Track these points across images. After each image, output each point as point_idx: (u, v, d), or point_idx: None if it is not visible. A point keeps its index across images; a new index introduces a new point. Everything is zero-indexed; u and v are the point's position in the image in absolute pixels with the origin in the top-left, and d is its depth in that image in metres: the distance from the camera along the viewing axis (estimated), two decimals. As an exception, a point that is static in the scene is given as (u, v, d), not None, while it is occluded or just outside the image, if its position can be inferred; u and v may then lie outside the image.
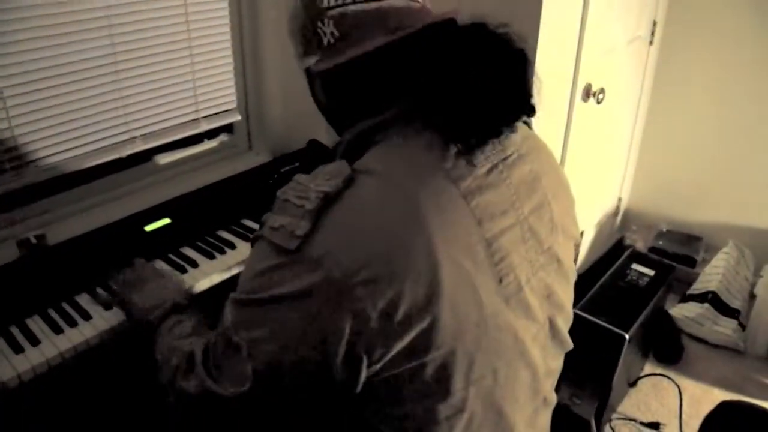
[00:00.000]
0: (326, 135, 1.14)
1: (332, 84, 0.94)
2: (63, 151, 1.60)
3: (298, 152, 2.00)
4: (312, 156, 1.98)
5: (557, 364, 1.05)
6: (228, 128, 2.02)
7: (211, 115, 1.92)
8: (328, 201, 0.80)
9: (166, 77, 1.75)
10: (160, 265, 1.49)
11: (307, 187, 0.83)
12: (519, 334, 0.90)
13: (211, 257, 1.52)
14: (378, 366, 0.80)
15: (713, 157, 2.61)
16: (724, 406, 1.51)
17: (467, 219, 0.85)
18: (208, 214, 1.67)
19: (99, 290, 1.38)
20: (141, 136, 1.75)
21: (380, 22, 0.88)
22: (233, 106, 1.98)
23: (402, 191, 0.82)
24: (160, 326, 1.10)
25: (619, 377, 1.96)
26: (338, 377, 0.81)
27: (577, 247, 1.08)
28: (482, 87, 0.83)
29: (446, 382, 0.83)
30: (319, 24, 0.90)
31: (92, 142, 1.64)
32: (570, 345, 1.06)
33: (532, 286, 0.93)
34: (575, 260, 1.08)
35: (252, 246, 0.89)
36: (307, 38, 0.93)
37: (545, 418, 1.04)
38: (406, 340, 0.79)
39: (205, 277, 1.46)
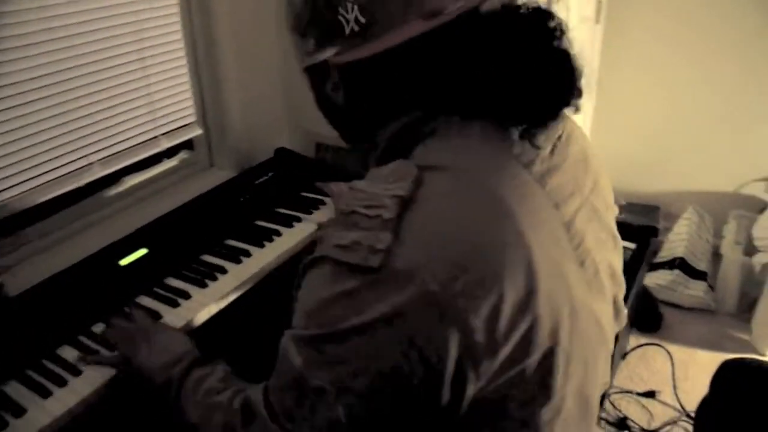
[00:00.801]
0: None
1: (357, 79, 0.80)
2: (12, 186, 1.38)
3: (265, 163, 1.84)
4: (285, 165, 1.83)
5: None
6: (187, 145, 1.83)
7: (170, 131, 1.72)
8: (405, 206, 0.67)
9: (121, 93, 1.55)
10: (146, 301, 1.30)
11: (374, 194, 0.69)
12: (601, 320, 0.82)
13: (203, 285, 1.34)
14: (483, 381, 0.68)
15: (663, 129, 2.61)
16: (727, 366, 1.49)
17: (546, 204, 0.75)
18: (187, 238, 1.49)
19: (86, 341, 1.19)
20: (99, 161, 1.54)
21: (412, 7, 0.75)
22: (193, 119, 1.79)
23: (479, 183, 0.71)
24: (182, 385, 0.93)
25: (615, 354, 1.92)
26: (443, 401, 0.69)
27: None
28: (542, 69, 0.73)
29: (547, 384, 0.73)
30: (341, 10, 0.76)
31: (45, 173, 1.43)
32: (624, 323, 0.99)
33: (603, 267, 0.84)
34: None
35: (306, 272, 0.74)
36: (323, 27, 0.78)
37: None
38: (510, 346, 0.68)
39: (202, 307, 1.28)
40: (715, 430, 1.49)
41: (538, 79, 0.72)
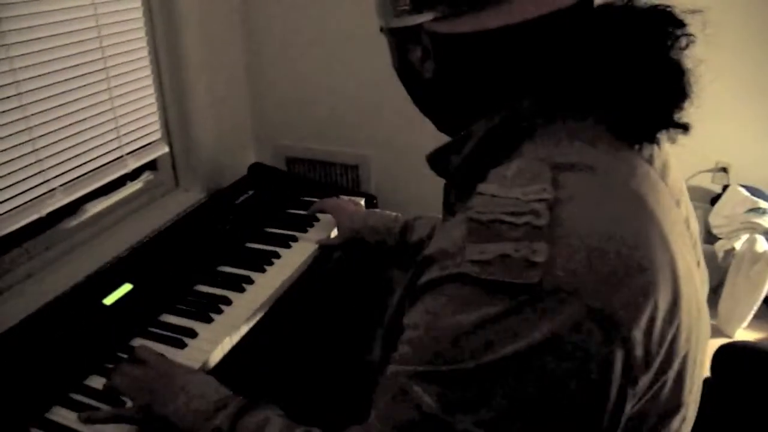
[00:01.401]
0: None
1: (454, 53, 0.67)
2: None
3: (241, 181, 1.67)
4: (263, 181, 1.66)
5: None
6: (151, 165, 1.63)
7: (136, 150, 1.52)
8: (553, 211, 0.56)
9: (83, 107, 1.34)
10: (140, 342, 1.11)
11: (512, 199, 0.58)
12: (708, 319, 0.74)
13: (207, 320, 1.15)
14: (635, 400, 0.59)
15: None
16: (724, 351, 1.49)
17: (671, 202, 0.67)
18: (173, 268, 1.29)
19: (82, 398, 0.99)
20: (61, 186, 1.31)
21: None
22: (158, 136, 1.59)
23: (620, 183, 0.62)
24: (232, 430, 0.77)
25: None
26: (602, 429, 0.58)
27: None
28: (656, 79, 0.64)
29: (679, 393, 0.65)
30: None
31: (2, 203, 1.21)
32: None
33: (703, 266, 0.77)
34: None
35: (423, 295, 0.61)
36: None
37: None
38: (660, 357, 0.59)
39: (214, 345, 1.09)
40: (719, 415, 1.47)
41: (652, 90, 0.64)
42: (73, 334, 1.11)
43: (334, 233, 1.43)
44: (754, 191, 1.90)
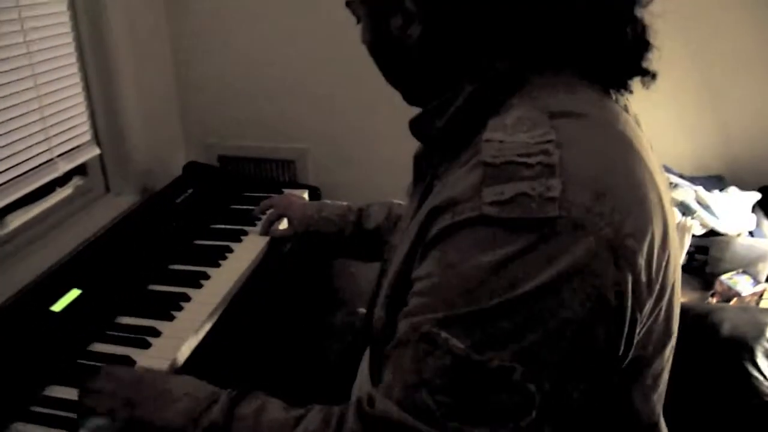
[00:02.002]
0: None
1: (441, 10, 0.69)
2: None
3: (179, 180, 1.61)
4: (201, 179, 1.62)
5: None
6: (80, 170, 1.54)
7: (67, 152, 1.43)
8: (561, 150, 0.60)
9: (8, 106, 1.25)
10: (105, 347, 1.04)
11: (521, 142, 0.60)
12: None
13: (169, 318, 1.10)
14: (641, 325, 0.64)
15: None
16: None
17: (647, 144, 0.73)
18: (121, 270, 1.23)
19: (43, 410, 0.92)
20: (-11, 192, 1.22)
21: None
22: (88, 138, 1.51)
23: (608, 127, 0.66)
24: (231, 428, 0.74)
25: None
26: (620, 353, 0.63)
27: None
28: (633, 37, 0.70)
29: (670, 322, 0.71)
30: None
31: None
32: None
33: None
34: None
35: (440, 241, 0.62)
36: None
37: None
38: (658, 284, 0.64)
39: (180, 342, 1.04)
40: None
41: (630, 45, 0.70)
42: (24, 344, 1.03)
43: (283, 225, 1.41)
44: (664, 169, 2.07)
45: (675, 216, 0.79)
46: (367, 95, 0.85)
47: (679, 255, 0.74)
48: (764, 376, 1.37)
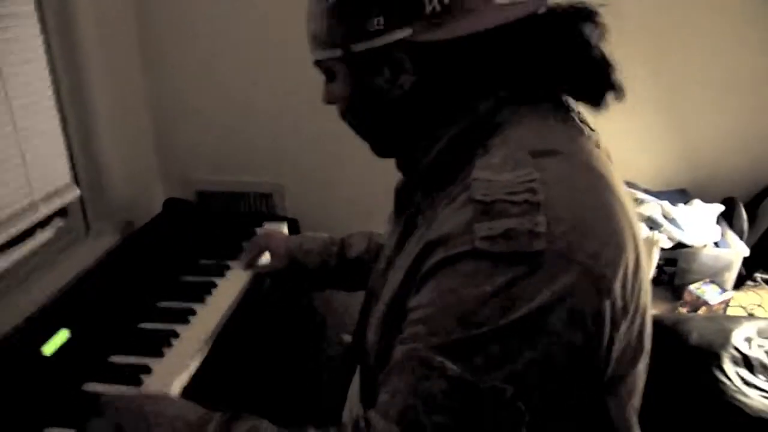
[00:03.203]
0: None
1: (433, 64, 0.77)
2: None
3: (159, 217, 1.68)
4: (181, 216, 1.68)
5: None
6: (61, 212, 1.60)
7: (48, 195, 1.49)
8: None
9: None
10: (99, 387, 1.09)
11: (508, 182, 0.68)
12: None
13: (159, 354, 1.17)
14: (618, 343, 0.72)
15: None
16: None
17: (618, 177, 0.81)
18: (109, 310, 1.29)
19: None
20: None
21: None
22: (68, 180, 1.57)
23: (586, 164, 0.75)
24: None
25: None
26: (598, 372, 0.71)
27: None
28: (594, 62, 0.80)
29: (643, 340, 0.79)
30: None
31: None
32: None
33: None
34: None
35: (434, 275, 0.70)
36: (399, 5, 0.74)
37: None
38: (632, 307, 0.72)
39: (172, 378, 1.11)
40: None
41: (597, 66, 0.79)
42: (19, 388, 1.08)
43: (265, 259, 1.47)
44: (629, 185, 2.18)
45: (642, 240, 0.88)
46: (339, 129, 0.93)
47: (648, 276, 0.82)
48: (731, 381, 1.47)
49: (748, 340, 1.61)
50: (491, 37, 0.74)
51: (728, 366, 1.52)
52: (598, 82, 0.79)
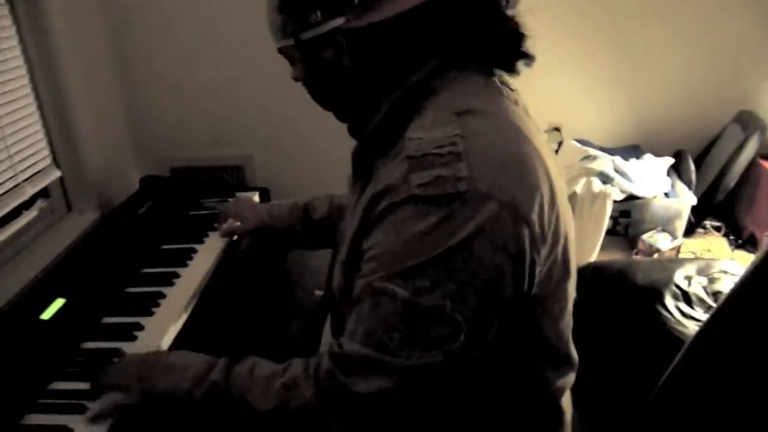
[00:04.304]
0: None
1: (366, 43, 0.92)
2: None
3: (137, 194, 1.82)
4: (158, 191, 1.82)
5: None
6: (43, 193, 1.73)
7: (31, 177, 1.62)
8: (465, 141, 0.83)
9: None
10: (92, 344, 1.24)
11: (435, 138, 0.84)
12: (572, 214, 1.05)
13: (149, 314, 1.32)
14: (541, 267, 0.88)
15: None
16: (584, 269, 1.91)
17: (535, 128, 0.97)
18: (98, 279, 1.44)
19: (50, 401, 1.12)
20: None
21: None
22: (48, 162, 1.70)
23: (503, 119, 0.90)
24: (230, 386, 0.93)
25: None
26: (524, 290, 0.86)
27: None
28: (510, 31, 0.95)
29: (567, 263, 0.94)
30: None
31: None
32: None
33: None
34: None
35: (383, 219, 0.85)
36: (329, 0, 0.90)
37: None
38: (550, 234, 0.88)
39: (162, 333, 1.26)
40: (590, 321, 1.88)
41: (510, 37, 0.95)
42: (23, 349, 1.22)
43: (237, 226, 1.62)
44: (584, 142, 2.35)
45: (562, 180, 1.04)
46: (302, 101, 1.08)
47: (568, 211, 0.97)
48: (671, 314, 1.67)
49: (688, 278, 1.80)
50: (415, 15, 0.89)
51: (669, 301, 1.72)
52: (511, 52, 0.95)
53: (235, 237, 1.62)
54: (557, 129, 2.47)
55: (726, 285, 1.71)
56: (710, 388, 1.10)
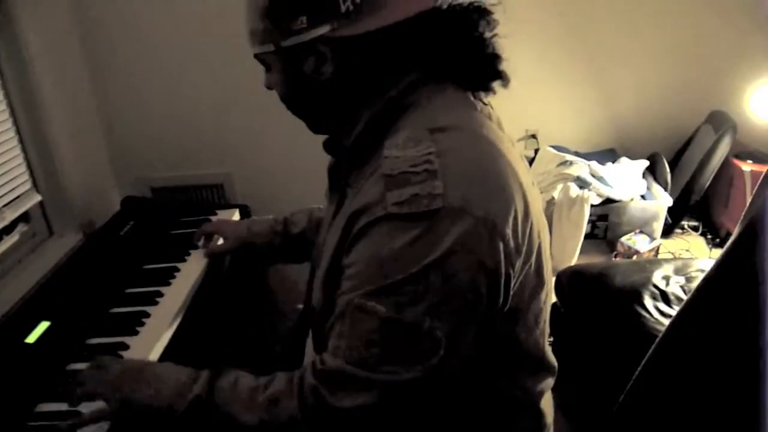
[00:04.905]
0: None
1: (349, 53, 0.94)
2: None
3: (118, 215, 1.84)
4: (140, 211, 1.85)
5: None
6: (23, 217, 1.75)
7: (10, 202, 1.65)
8: (440, 159, 0.86)
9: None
10: (78, 366, 1.26)
11: (410, 156, 0.86)
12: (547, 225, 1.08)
13: (134, 333, 1.34)
14: (516, 279, 0.91)
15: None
16: (563, 274, 1.96)
17: (509, 142, 1.00)
18: (83, 300, 1.46)
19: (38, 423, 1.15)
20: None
21: None
22: (28, 186, 1.72)
23: (477, 135, 0.93)
24: (213, 399, 0.95)
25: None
26: (499, 303, 0.89)
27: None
28: (487, 53, 0.98)
29: (541, 274, 0.97)
30: None
31: None
32: None
33: None
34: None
35: (361, 238, 0.88)
36: (318, 6, 0.91)
37: None
38: (525, 246, 0.91)
39: (147, 353, 1.29)
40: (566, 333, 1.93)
41: (486, 58, 0.98)
42: (9, 372, 1.24)
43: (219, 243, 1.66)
44: (560, 148, 2.41)
45: (536, 191, 1.08)
46: (280, 117, 1.11)
47: (542, 222, 1.00)
48: (650, 314, 1.72)
49: (666, 278, 1.86)
50: (399, 29, 0.92)
51: (648, 302, 1.77)
52: (486, 72, 0.99)
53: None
54: (533, 136, 2.53)
55: (703, 283, 1.76)
56: (681, 381, 1.14)
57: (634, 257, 2.21)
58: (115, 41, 2.03)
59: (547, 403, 1.10)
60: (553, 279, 1.42)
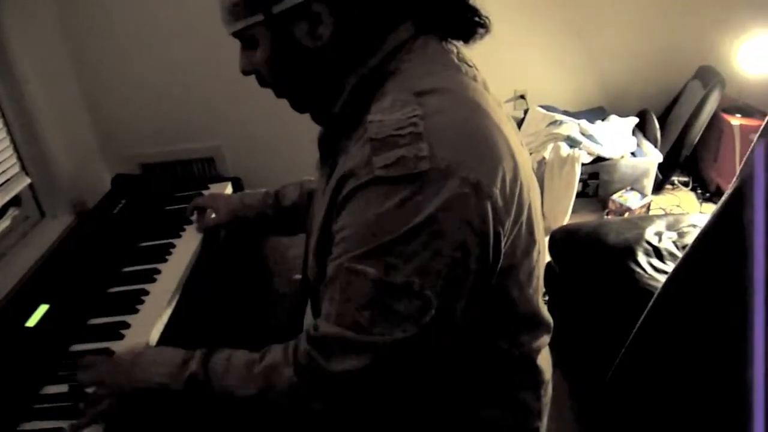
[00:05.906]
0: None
1: (348, 7, 0.93)
2: None
3: (110, 194, 1.83)
4: (131, 189, 1.85)
5: None
6: (14, 201, 1.74)
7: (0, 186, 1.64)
8: (425, 121, 0.86)
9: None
10: (85, 346, 1.28)
11: (396, 119, 0.87)
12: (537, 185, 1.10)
13: (134, 311, 1.35)
14: (506, 238, 0.92)
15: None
16: (556, 233, 1.98)
17: (495, 103, 1.00)
18: (80, 281, 1.47)
19: (44, 406, 1.15)
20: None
21: None
22: (17, 170, 1.71)
23: (462, 97, 0.93)
24: (210, 377, 0.96)
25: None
26: (490, 262, 0.90)
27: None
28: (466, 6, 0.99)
29: (532, 232, 0.98)
30: None
31: None
32: None
33: None
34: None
35: (349, 201, 0.88)
36: None
37: None
38: (514, 206, 0.91)
39: (149, 329, 1.30)
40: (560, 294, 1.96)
41: (468, 11, 0.99)
42: (12, 357, 1.25)
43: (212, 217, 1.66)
44: (549, 108, 2.41)
45: (526, 152, 1.08)
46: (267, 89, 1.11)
47: (532, 182, 1.01)
48: (644, 270, 1.74)
49: (659, 234, 1.88)
50: None
51: (641, 258, 1.79)
52: (470, 22, 0.99)
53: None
54: (522, 96, 2.53)
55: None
56: (679, 337, 1.17)
57: (626, 214, 2.22)
58: (97, 17, 1.99)
59: (544, 360, 1.12)
60: (547, 238, 1.42)
